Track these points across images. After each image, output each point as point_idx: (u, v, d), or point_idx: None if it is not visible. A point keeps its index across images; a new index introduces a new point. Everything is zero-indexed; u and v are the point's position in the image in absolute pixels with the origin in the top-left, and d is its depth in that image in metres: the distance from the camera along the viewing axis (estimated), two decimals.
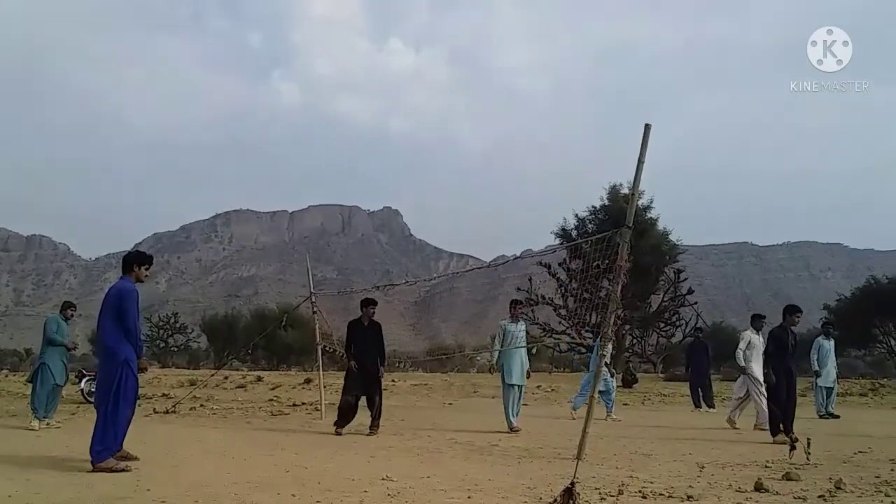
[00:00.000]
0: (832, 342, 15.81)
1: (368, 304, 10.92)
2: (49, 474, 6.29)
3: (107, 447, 6.56)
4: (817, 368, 15.17)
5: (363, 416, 10.96)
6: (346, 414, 10.54)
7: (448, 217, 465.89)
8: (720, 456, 8.30)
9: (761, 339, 11.67)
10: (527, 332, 11.67)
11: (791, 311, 10.56)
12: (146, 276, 7.26)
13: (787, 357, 10.26)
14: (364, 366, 10.61)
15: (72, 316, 11.39)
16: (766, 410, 10.71)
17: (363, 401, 10.72)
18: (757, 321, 12.12)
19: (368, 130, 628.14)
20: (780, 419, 10.11)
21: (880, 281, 48.16)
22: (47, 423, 10.69)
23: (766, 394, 10.71)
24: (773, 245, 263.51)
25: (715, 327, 46.00)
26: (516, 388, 11.17)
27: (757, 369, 11.47)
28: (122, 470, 6.41)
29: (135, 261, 7.15)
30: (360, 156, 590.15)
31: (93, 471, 6.39)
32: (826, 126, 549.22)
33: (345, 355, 10.99)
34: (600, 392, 14.67)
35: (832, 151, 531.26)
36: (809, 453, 7.59)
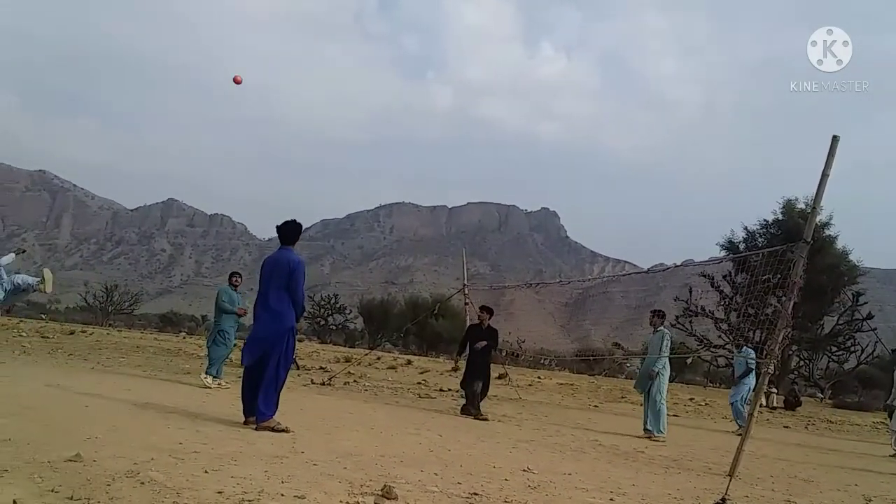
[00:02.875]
0: None
1: (484, 310, 12.11)
2: (216, 428, 6.77)
3: (269, 406, 7.00)
4: None
5: (507, 408, 11.02)
6: (474, 400, 11.28)
7: (605, 221, 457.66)
8: (891, 491, 7.58)
9: None
10: (662, 343, 11.17)
11: None
12: None
13: None
14: (479, 361, 11.55)
15: (239, 283, 12.42)
16: None
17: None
18: None
19: (521, 133, 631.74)
20: None
21: None
22: (218, 383, 11.58)
23: None
24: None
25: None
26: (645, 396, 11.30)
27: None
28: (283, 430, 6.79)
29: (301, 233, 7.50)
30: (516, 157, 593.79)
31: (257, 429, 6.83)
32: None
33: (457, 351, 12.34)
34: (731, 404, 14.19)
35: None
36: None
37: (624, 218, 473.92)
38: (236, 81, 11.05)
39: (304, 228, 7.60)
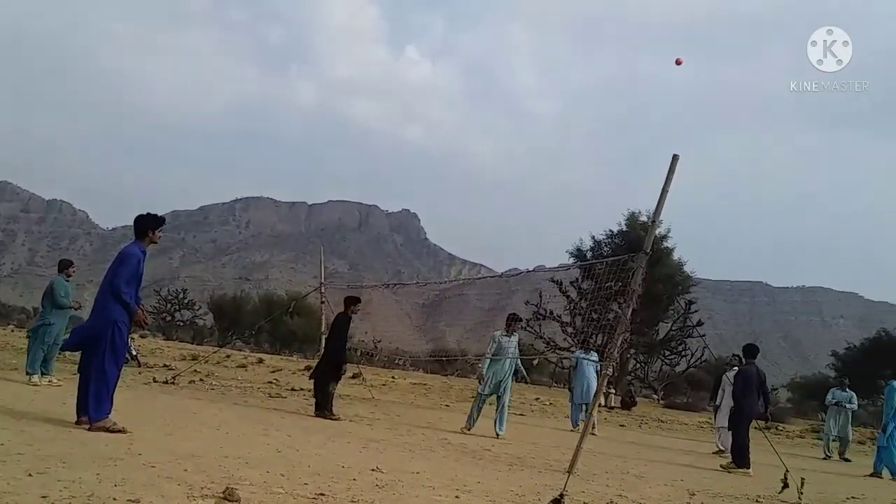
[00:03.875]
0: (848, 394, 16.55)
1: (356, 301, 11.72)
2: (44, 428, 6.31)
3: (100, 406, 6.61)
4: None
5: (360, 408, 10.94)
6: (329, 401, 11.04)
7: (464, 226, 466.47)
8: (712, 486, 8.24)
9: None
10: (519, 346, 11.70)
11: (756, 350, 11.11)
12: (159, 238, 7.28)
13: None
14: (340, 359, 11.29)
15: (72, 274, 11.49)
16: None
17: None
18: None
19: (385, 134, 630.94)
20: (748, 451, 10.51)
21: (892, 334, 47.99)
22: (48, 381, 10.78)
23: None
24: (788, 287, 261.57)
25: (721, 361, 45.76)
26: (496, 397, 11.38)
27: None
28: (119, 431, 6.43)
29: (150, 226, 7.17)
30: (378, 158, 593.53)
31: (90, 429, 6.43)
32: (846, 178, 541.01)
33: (340, 348, 11.41)
34: (577, 405, 14.83)
35: (851, 202, 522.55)
36: (802, 493, 7.52)
37: (482, 223, 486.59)
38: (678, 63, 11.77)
39: (150, 219, 7.24)
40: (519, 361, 11.63)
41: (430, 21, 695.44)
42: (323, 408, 10.93)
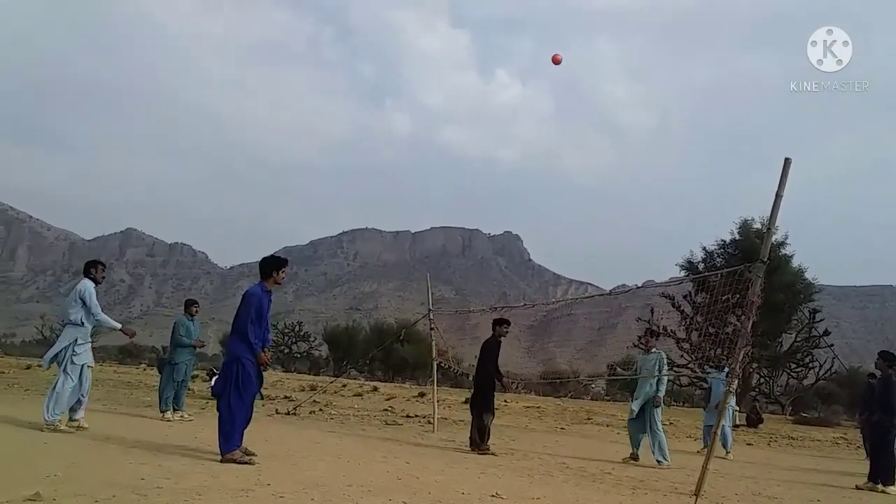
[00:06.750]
0: None
1: (502, 323, 10.59)
2: (178, 462, 6.64)
3: (229, 439, 6.90)
4: None
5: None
6: (485, 433, 10.25)
7: (568, 244, 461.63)
8: None
9: None
10: (660, 363, 10.95)
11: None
12: (283, 278, 7.46)
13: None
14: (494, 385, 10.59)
15: (196, 312, 11.86)
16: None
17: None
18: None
19: (481, 158, 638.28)
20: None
21: None
22: (180, 416, 11.36)
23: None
24: None
25: (852, 372, 43.00)
26: (635, 417, 10.78)
27: None
28: (247, 463, 6.71)
29: (273, 266, 7.38)
30: (477, 182, 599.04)
31: (221, 462, 6.73)
32: None
33: (496, 374, 10.66)
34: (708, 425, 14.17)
35: None
36: None
37: (586, 240, 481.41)
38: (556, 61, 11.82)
39: (273, 261, 7.47)
40: (665, 379, 10.96)
41: (517, 42, 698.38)
42: (474, 442, 10.12)
